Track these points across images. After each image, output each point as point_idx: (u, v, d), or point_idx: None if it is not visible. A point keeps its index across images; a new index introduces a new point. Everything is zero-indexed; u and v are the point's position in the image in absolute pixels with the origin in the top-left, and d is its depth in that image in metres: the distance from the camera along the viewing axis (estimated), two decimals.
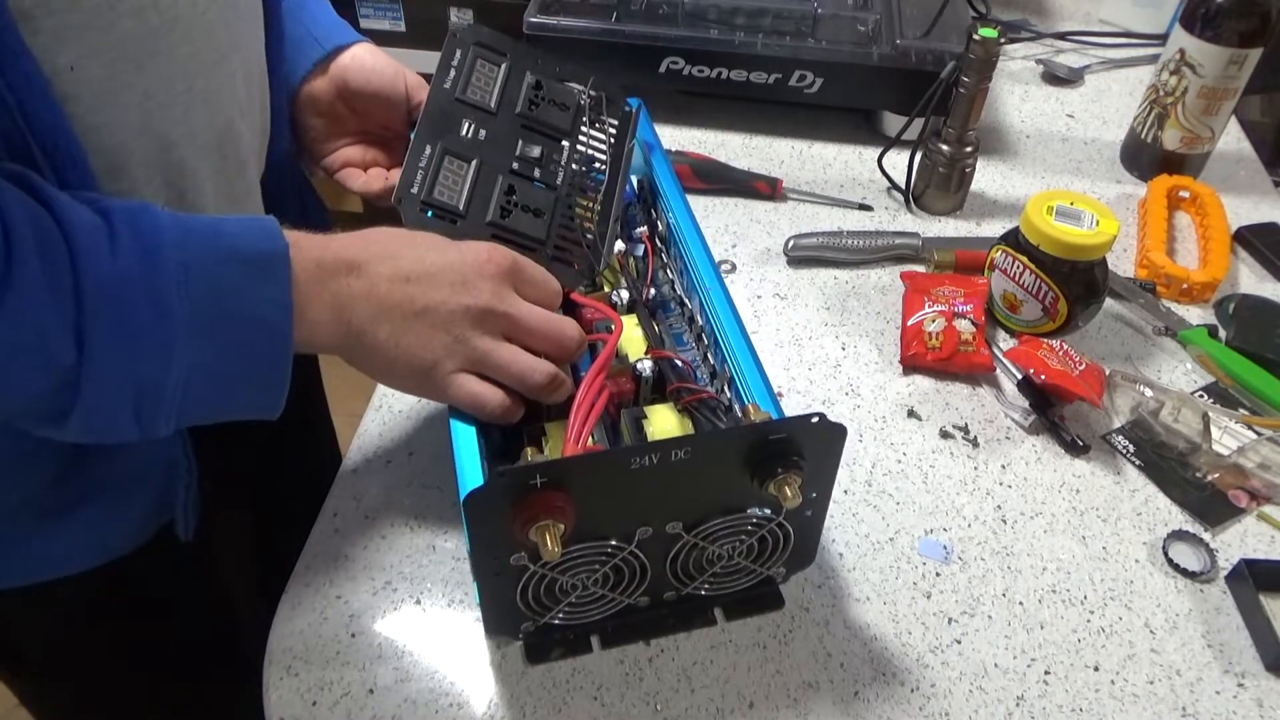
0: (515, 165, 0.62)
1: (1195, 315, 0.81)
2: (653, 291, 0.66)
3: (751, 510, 0.52)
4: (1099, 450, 0.70)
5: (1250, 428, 0.70)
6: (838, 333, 0.78)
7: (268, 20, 0.63)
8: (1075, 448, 0.69)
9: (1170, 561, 0.62)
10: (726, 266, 0.84)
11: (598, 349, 0.57)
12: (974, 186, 0.93)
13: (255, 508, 0.80)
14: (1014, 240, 0.76)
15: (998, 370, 0.75)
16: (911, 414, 0.72)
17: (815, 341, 0.78)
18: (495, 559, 0.49)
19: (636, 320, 0.61)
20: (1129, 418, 0.72)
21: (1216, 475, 0.67)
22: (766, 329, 0.78)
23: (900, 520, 0.64)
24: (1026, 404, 0.72)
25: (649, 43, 0.95)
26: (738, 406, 0.56)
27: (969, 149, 0.88)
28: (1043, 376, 0.70)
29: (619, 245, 0.64)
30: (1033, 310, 0.76)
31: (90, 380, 0.43)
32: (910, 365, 0.75)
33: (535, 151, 0.63)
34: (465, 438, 0.53)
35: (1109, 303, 0.81)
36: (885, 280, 0.84)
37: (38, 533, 0.57)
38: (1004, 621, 0.59)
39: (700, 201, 0.91)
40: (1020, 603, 0.60)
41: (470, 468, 0.51)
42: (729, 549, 0.54)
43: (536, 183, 0.63)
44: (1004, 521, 0.65)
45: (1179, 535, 0.64)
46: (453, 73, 0.64)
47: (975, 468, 0.68)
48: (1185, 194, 0.92)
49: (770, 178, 0.92)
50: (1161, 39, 1.16)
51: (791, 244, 0.84)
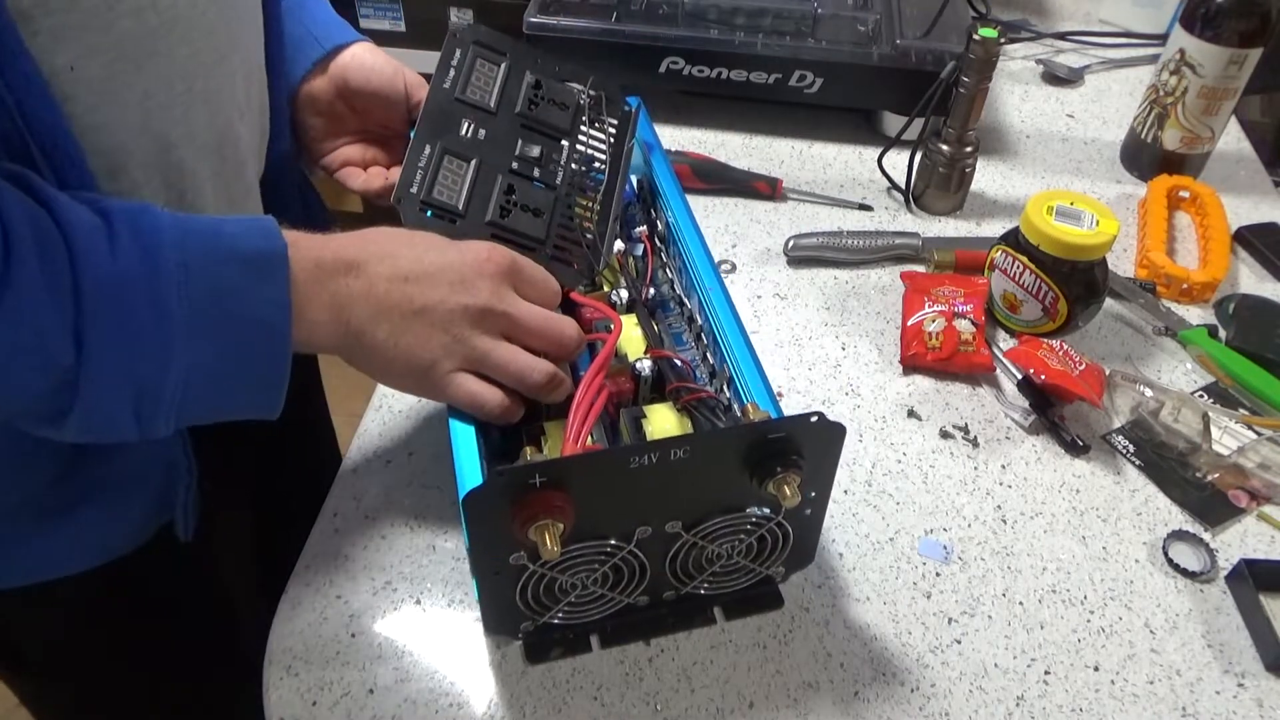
0: (515, 165, 0.62)
1: (1195, 315, 0.81)
2: (652, 291, 0.66)
3: (751, 509, 0.52)
4: (1099, 450, 0.70)
5: (1250, 428, 0.70)
6: (838, 333, 0.78)
7: (267, 20, 0.63)
8: (1075, 448, 0.69)
9: (1170, 561, 0.62)
10: (726, 266, 0.84)
11: (597, 348, 0.57)
12: (974, 186, 0.93)
13: (255, 508, 0.80)
14: (1014, 240, 0.76)
15: (998, 370, 0.75)
16: (911, 414, 0.72)
17: (815, 341, 0.78)
18: (494, 558, 0.49)
19: (636, 320, 0.61)
20: (1129, 418, 0.72)
21: (1216, 475, 0.67)
22: (766, 329, 0.78)
23: (900, 520, 0.64)
24: (1026, 404, 0.72)
25: (649, 43, 0.95)
26: (737, 406, 0.56)
27: (969, 149, 0.88)
28: (1043, 376, 0.70)
29: (618, 245, 0.64)
30: (1033, 310, 0.76)
31: (89, 380, 0.43)
32: (910, 365, 0.75)
33: (535, 151, 0.63)
34: (464, 437, 0.53)
35: (1109, 303, 0.81)
36: (885, 280, 0.84)
37: (38, 533, 0.57)
38: (1004, 621, 0.59)
39: (700, 201, 0.91)
40: (1020, 603, 0.60)
41: (469, 467, 0.51)
42: (728, 548, 0.54)
43: (536, 182, 0.63)
44: (1004, 521, 0.65)
45: (1179, 535, 0.64)
46: (452, 72, 0.64)
47: (975, 468, 0.68)
48: (1185, 194, 0.92)
49: (770, 178, 0.92)
50: (1161, 39, 1.16)
51: (791, 244, 0.84)
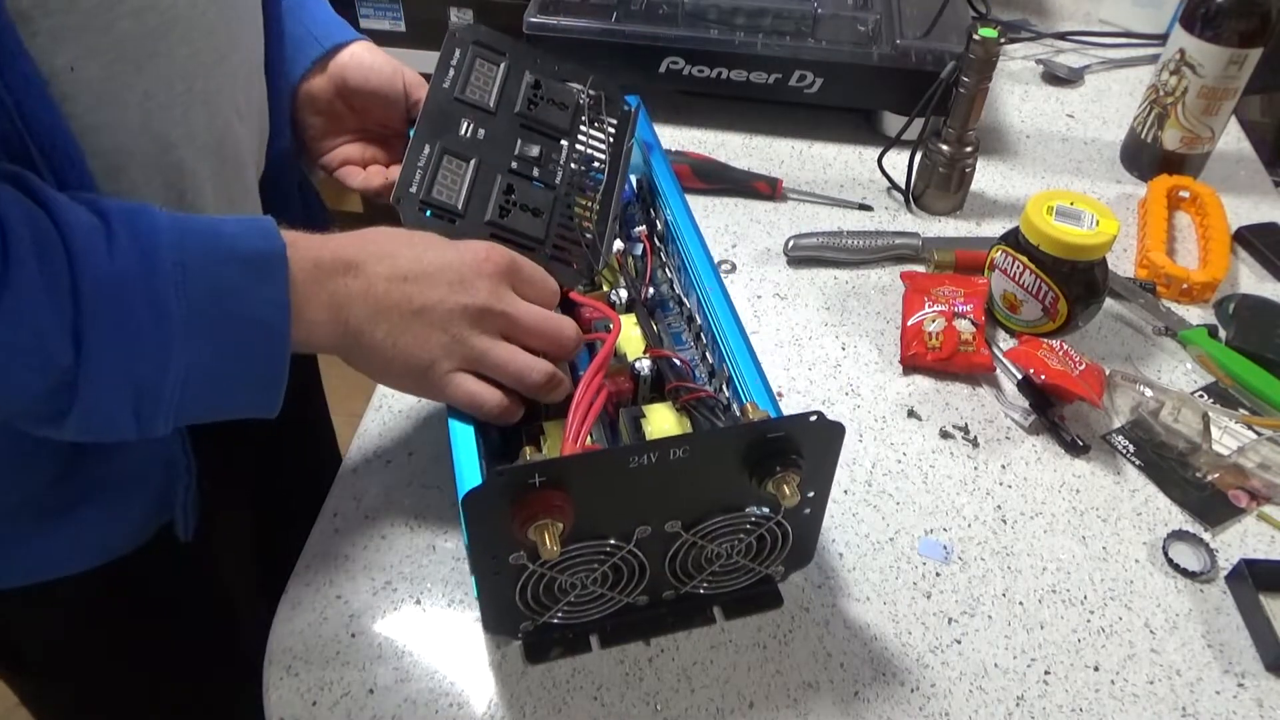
0: (514, 164, 0.62)
1: (1195, 315, 0.81)
2: (651, 291, 0.66)
3: (750, 509, 0.52)
4: (1099, 450, 0.70)
5: (1250, 428, 0.70)
6: (838, 333, 0.78)
7: (267, 20, 0.63)
8: (1075, 448, 0.69)
9: (1170, 561, 0.62)
10: (726, 266, 0.84)
11: (596, 348, 0.57)
12: (974, 186, 0.92)
13: (255, 507, 0.80)
14: (1014, 240, 0.76)
15: (998, 370, 0.75)
16: (911, 414, 0.72)
17: (815, 341, 0.78)
18: (494, 558, 0.49)
19: (635, 319, 0.61)
20: (1129, 418, 0.72)
21: (1216, 475, 0.67)
22: (766, 329, 0.78)
23: (900, 520, 0.64)
24: (1026, 404, 0.72)
25: (649, 43, 0.95)
26: (736, 405, 0.56)
27: (969, 149, 0.88)
28: (1043, 376, 0.70)
29: (618, 244, 0.64)
30: (1033, 310, 0.76)
31: (88, 381, 0.43)
32: (910, 365, 0.75)
33: (534, 151, 0.63)
34: (464, 437, 0.53)
35: (1109, 303, 0.81)
36: (885, 280, 0.84)
37: (38, 533, 0.57)
38: (1004, 621, 0.59)
39: (700, 201, 0.91)
40: (1020, 603, 0.60)
41: (469, 467, 0.51)
42: (727, 548, 0.54)
43: (535, 182, 0.63)
44: (1004, 521, 0.65)
45: (1179, 535, 0.64)
46: (451, 72, 0.64)
47: (975, 468, 0.68)
48: (1185, 194, 0.92)
49: (770, 178, 0.92)
50: (1161, 39, 1.16)
51: (791, 244, 0.84)
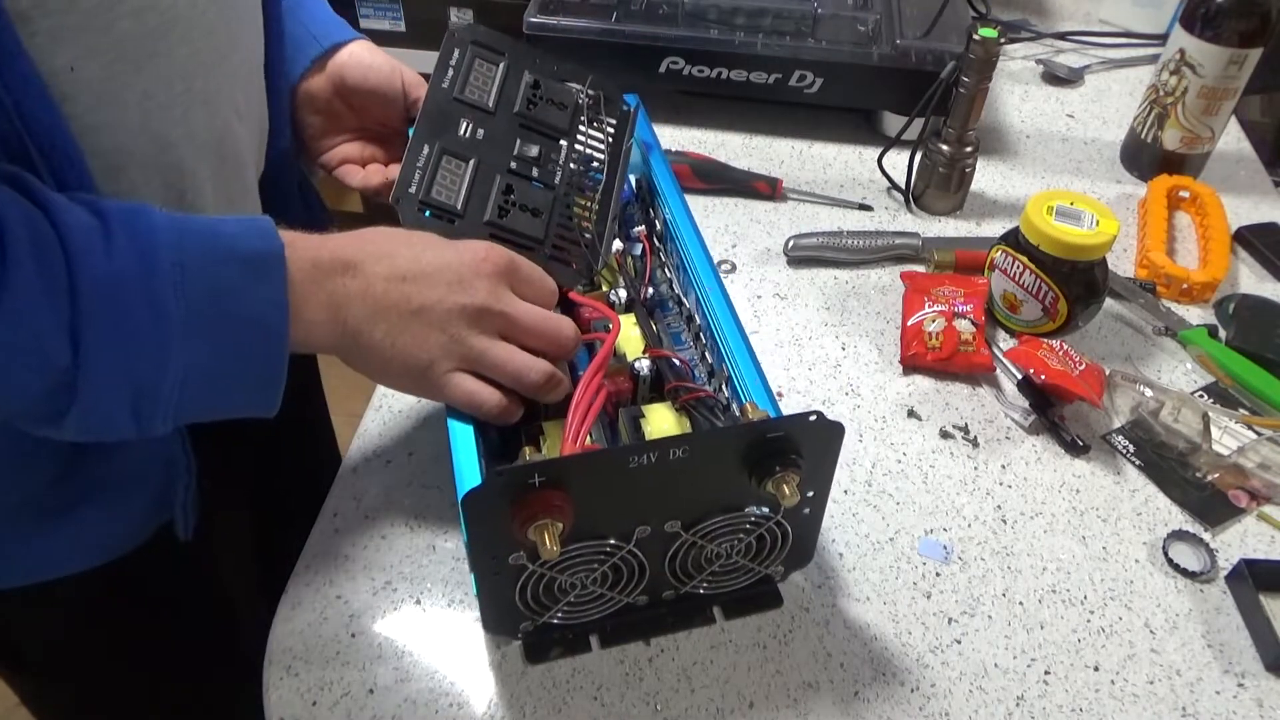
0: (513, 165, 0.62)
1: (1195, 315, 0.81)
2: (650, 291, 0.66)
3: (750, 509, 0.52)
4: (1099, 450, 0.69)
5: (1250, 428, 0.70)
6: (838, 333, 0.78)
7: (267, 20, 0.63)
8: (1075, 448, 0.69)
9: (1170, 561, 0.62)
10: (726, 266, 0.84)
11: (596, 348, 0.57)
12: (974, 186, 0.92)
13: (254, 507, 0.80)
14: (1014, 240, 0.76)
15: (998, 370, 0.75)
16: (911, 414, 0.72)
17: (815, 341, 0.78)
18: (494, 558, 0.49)
19: (634, 319, 0.61)
20: (1129, 418, 0.72)
21: (1216, 475, 0.67)
22: (766, 329, 0.78)
23: (900, 520, 0.64)
24: (1026, 404, 0.72)
25: (649, 43, 0.95)
26: (735, 405, 0.56)
27: (969, 149, 0.88)
28: (1043, 376, 0.70)
29: (617, 244, 0.64)
30: (1033, 310, 0.76)
31: (86, 381, 0.43)
32: (910, 365, 0.75)
33: (533, 151, 0.63)
34: (463, 437, 0.53)
35: (1109, 303, 0.80)
36: (885, 280, 0.84)
37: (38, 533, 0.57)
38: (1004, 621, 0.59)
39: (700, 201, 0.91)
40: (1020, 603, 0.60)
41: (468, 467, 0.51)
42: (727, 547, 0.54)
43: (534, 182, 0.63)
44: (1004, 521, 0.65)
45: (1179, 535, 0.64)
46: (451, 72, 0.64)
47: (975, 468, 0.68)
48: (1185, 194, 0.92)
49: (770, 178, 0.92)
50: (1161, 39, 1.16)
51: (791, 244, 0.84)
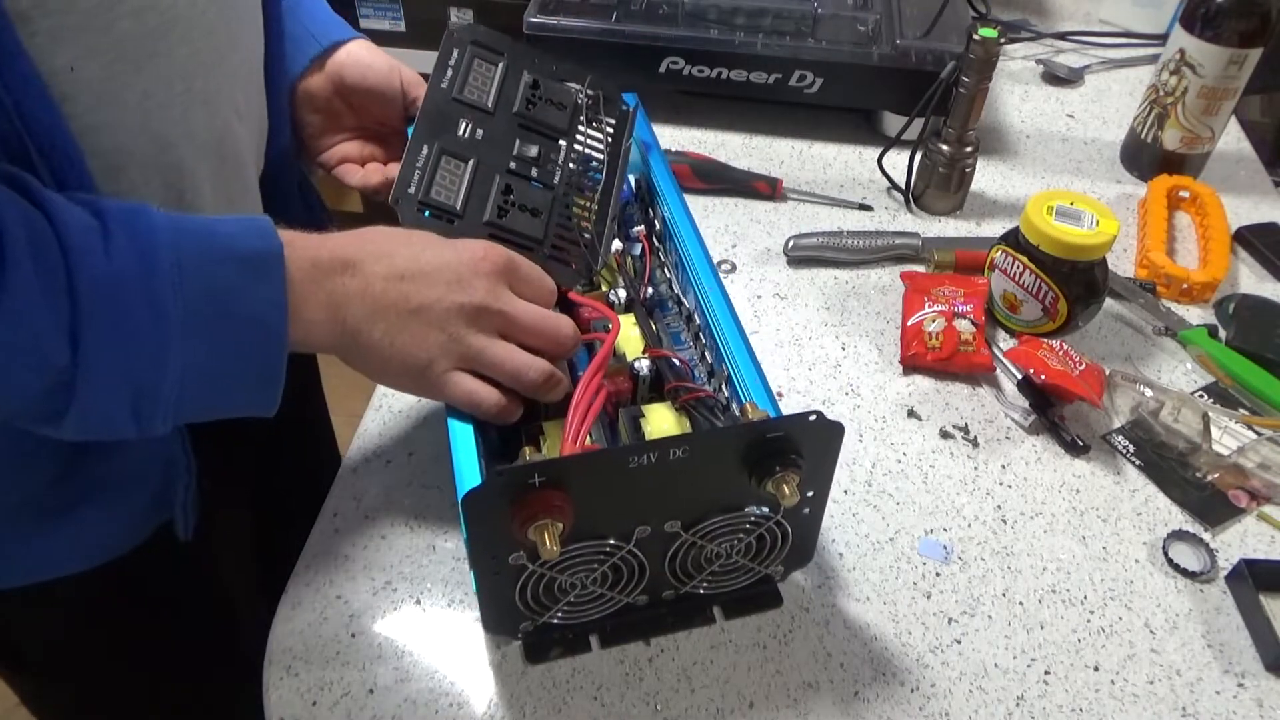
0: (512, 165, 0.62)
1: (1195, 315, 0.81)
2: (650, 290, 0.66)
3: (749, 509, 0.52)
4: (1099, 450, 0.69)
5: (1250, 428, 0.70)
6: (838, 333, 0.78)
7: (267, 20, 0.63)
8: (1075, 448, 0.69)
9: (1170, 561, 0.62)
10: (726, 266, 0.84)
11: (595, 348, 0.57)
12: (974, 186, 0.92)
13: (254, 507, 0.80)
14: (1014, 240, 0.76)
15: (998, 370, 0.75)
16: (911, 414, 0.72)
17: (815, 341, 0.78)
18: (494, 558, 0.49)
19: (634, 319, 0.61)
20: (1129, 418, 0.72)
21: (1216, 475, 0.67)
22: (766, 329, 0.78)
23: (900, 520, 0.64)
24: (1026, 404, 0.72)
25: (649, 43, 0.95)
26: (735, 405, 0.56)
27: (969, 149, 0.88)
28: (1043, 376, 0.70)
29: (616, 244, 0.64)
30: (1033, 310, 0.76)
31: (86, 381, 0.43)
32: (910, 365, 0.75)
33: (532, 151, 0.63)
34: (463, 437, 0.53)
35: (1109, 303, 0.80)
36: (885, 280, 0.84)
37: (38, 533, 0.57)
38: (1004, 621, 0.59)
39: (700, 201, 0.91)
40: (1020, 603, 0.60)
41: (468, 467, 0.51)
42: (727, 547, 0.54)
43: (534, 182, 0.63)
44: (1004, 521, 0.65)
45: (1179, 535, 0.64)
46: (450, 72, 0.64)
47: (975, 468, 0.68)
48: (1185, 194, 0.92)
49: (770, 178, 0.92)
50: (1161, 39, 1.16)
51: (791, 244, 0.84)
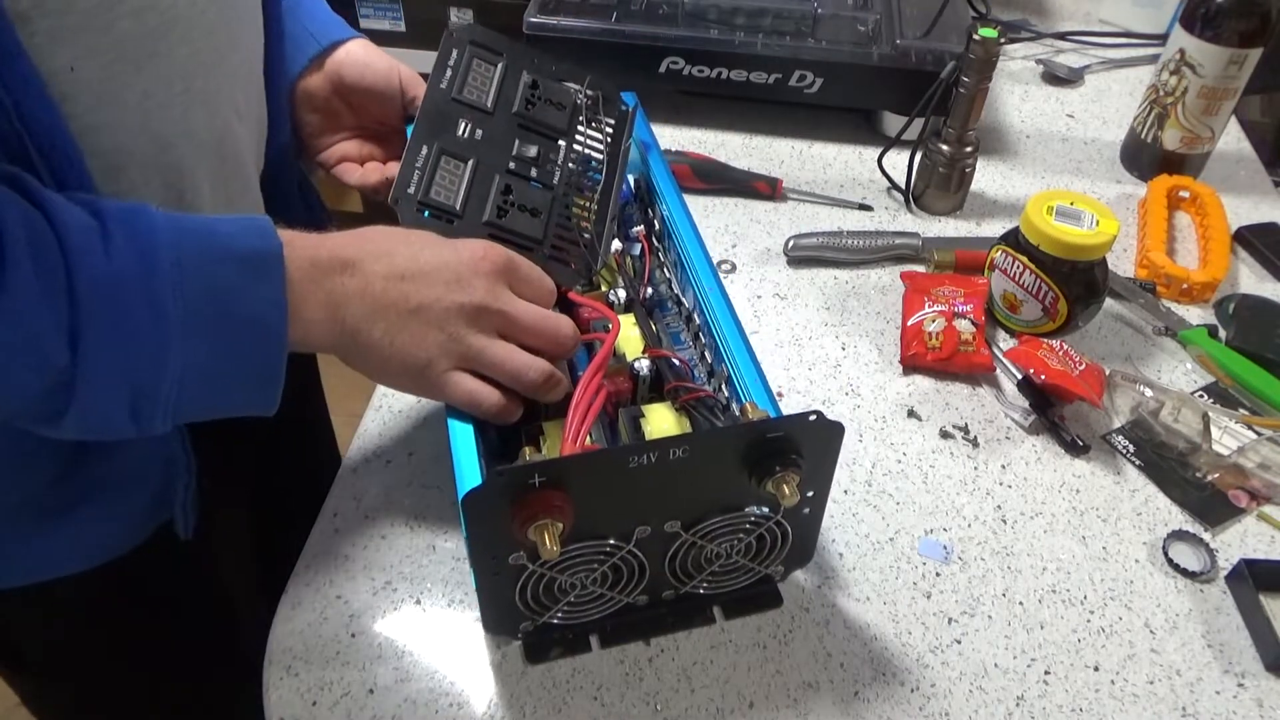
0: (512, 165, 0.62)
1: (1195, 315, 0.81)
2: (650, 290, 0.66)
3: (750, 509, 0.52)
4: (1099, 450, 0.69)
5: (1250, 428, 0.70)
6: (838, 333, 0.78)
7: (267, 20, 0.63)
8: (1075, 448, 0.69)
9: (1170, 561, 0.62)
10: (726, 266, 0.84)
11: (595, 348, 0.57)
12: (974, 186, 0.92)
13: (254, 507, 0.80)
14: (1014, 240, 0.76)
15: (998, 370, 0.75)
16: (911, 414, 0.72)
17: (815, 341, 0.78)
18: (494, 558, 0.49)
19: (634, 319, 0.61)
20: (1129, 418, 0.72)
21: (1216, 475, 0.67)
22: (766, 329, 0.78)
23: (900, 520, 0.64)
24: (1026, 404, 0.72)
25: (649, 43, 0.95)
26: (735, 405, 0.56)
27: (969, 149, 0.88)
28: (1043, 376, 0.70)
29: (616, 244, 0.64)
30: (1033, 310, 0.76)
31: (85, 381, 0.43)
32: (910, 365, 0.75)
33: (532, 151, 0.63)
34: (463, 437, 0.53)
35: (1109, 303, 0.80)
36: (885, 280, 0.84)
37: (38, 533, 0.57)
38: (1004, 621, 0.59)
39: (700, 201, 0.91)
40: (1020, 603, 0.60)
41: (468, 467, 0.51)
42: (727, 547, 0.54)
43: (533, 182, 0.63)
44: (1004, 521, 0.65)
45: (1179, 535, 0.64)
46: (449, 72, 0.64)
47: (975, 468, 0.68)
48: (1185, 194, 0.92)
49: (770, 178, 0.92)
50: (1161, 39, 1.16)
51: (791, 244, 0.84)
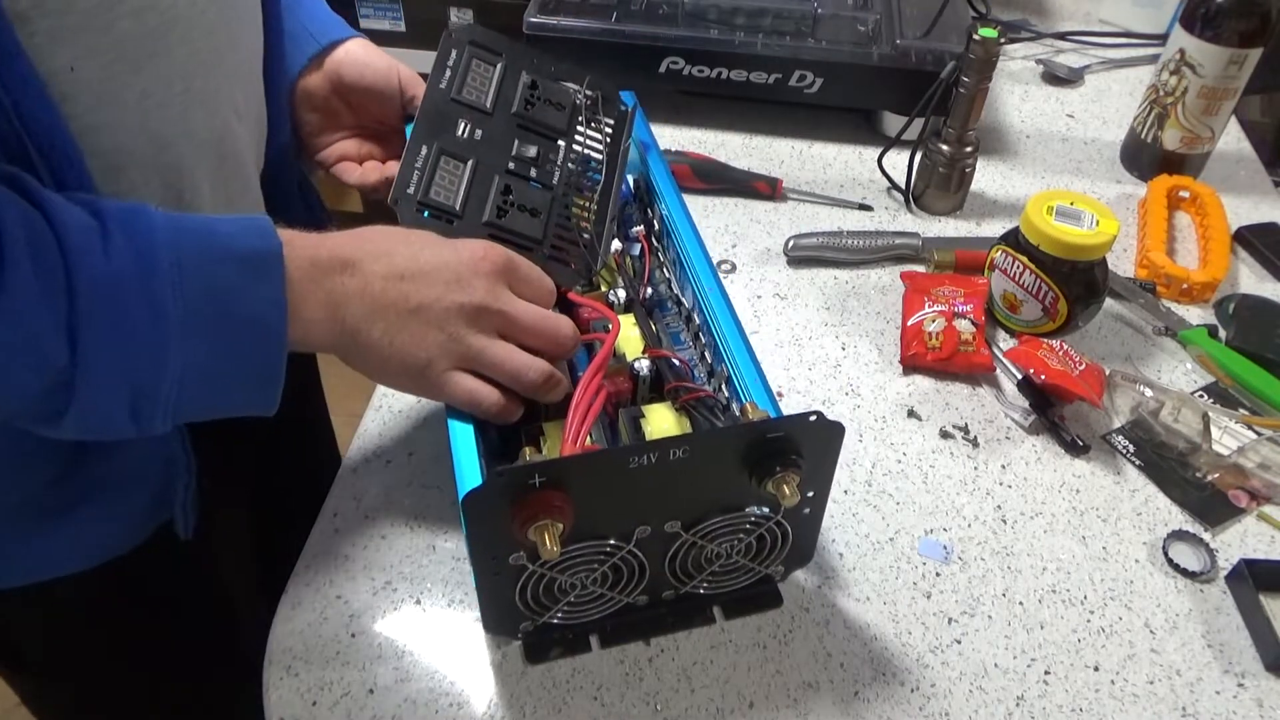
0: (511, 165, 0.62)
1: (1195, 315, 0.81)
2: (649, 291, 0.66)
3: (750, 509, 0.52)
4: (1099, 450, 0.69)
5: (1250, 428, 0.70)
6: (838, 333, 0.78)
7: (267, 20, 0.63)
8: (1075, 448, 0.69)
9: (1170, 561, 0.62)
10: (726, 266, 0.84)
11: (595, 348, 0.57)
12: (974, 186, 0.92)
13: (254, 507, 0.80)
14: (1014, 240, 0.76)
15: (998, 370, 0.75)
16: (911, 414, 0.72)
17: (815, 341, 0.78)
18: (494, 558, 0.49)
19: (634, 319, 0.61)
20: (1129, 418, 0.72)
21: (1216, 475, 0.67)
22: (766, 329, 0.78)
23: (900, 520, 0.64)
24: (1026, 404, 0.72)
25: (649, 43, 0.95)
26: (735, 405, 0.56)
27: (969, 149, 0.88)
28: (1043, 376, 0.70)
29: (615, 244, 0.64)
30: (1033, 310, 0.76)
31: (84, 380, 0.43)
32: (910, 365, 0.75)
33: (531, 151, 0.63)
34: (463, 437, 0.53)
35: (1109, 303, 0.80)
36: (885, 280, 0.84)
37: (38, 533, 0.57)
38: (1004, 621, 0.59)
39: (700, 201, 0.91)
40: (1020, 603, 0.60)
41: (469, 467, 0.51)
42: (727, 547, 0.54)
43: (533, 182, 0.63)
44: (1004, 521, 0.65)
45: (1179, 535, 0.64)
46: (448, 73, 0.64)
47: (975, 468, 0.68)
48: (1185, 194, 0.92)
49: (770, 178, 0.92)
50: (1161, 39, 1.16)
51: (791, 244, 0.84)
